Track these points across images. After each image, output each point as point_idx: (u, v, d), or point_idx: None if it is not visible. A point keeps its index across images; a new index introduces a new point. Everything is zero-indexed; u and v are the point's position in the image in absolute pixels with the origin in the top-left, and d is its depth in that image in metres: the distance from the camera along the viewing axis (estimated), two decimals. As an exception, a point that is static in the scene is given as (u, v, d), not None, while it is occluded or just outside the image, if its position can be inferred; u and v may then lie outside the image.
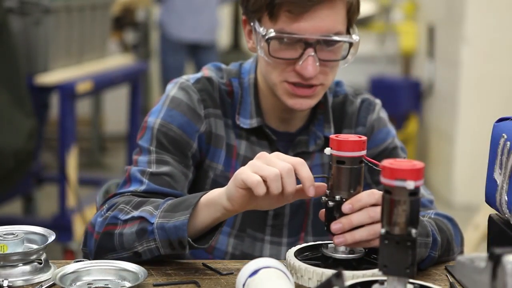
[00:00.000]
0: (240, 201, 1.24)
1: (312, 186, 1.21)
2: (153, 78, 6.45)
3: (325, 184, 1.25)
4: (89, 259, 1.36)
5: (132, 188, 1.45)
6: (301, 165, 1.22)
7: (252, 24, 1.48)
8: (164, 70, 5.61)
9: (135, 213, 1.35)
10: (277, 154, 1.25)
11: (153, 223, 1.32)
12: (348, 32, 1.47)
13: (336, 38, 1.43)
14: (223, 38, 7.27)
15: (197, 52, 5.63)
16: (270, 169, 1.20)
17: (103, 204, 1.45)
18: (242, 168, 1.23)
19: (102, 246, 1.37)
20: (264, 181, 1.20)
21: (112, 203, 1.41)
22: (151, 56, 6.22)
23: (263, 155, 1.25)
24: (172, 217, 1.30)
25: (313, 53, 1.41)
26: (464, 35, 5.08)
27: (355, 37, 1.46)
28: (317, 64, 1.42)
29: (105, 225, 1.37)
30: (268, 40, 1.42)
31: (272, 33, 1.42)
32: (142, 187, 1.45)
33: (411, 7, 6.39)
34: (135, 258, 1.34)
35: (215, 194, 1.29)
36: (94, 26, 4.09)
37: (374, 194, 1.22)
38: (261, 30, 1.43)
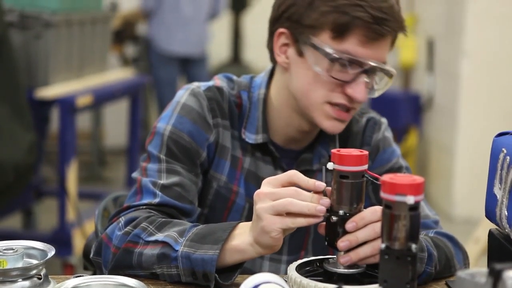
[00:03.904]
0: (280, 243, 1.25)
1: (318, 185, 1.23)
2: (153, 92, 6.46)
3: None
4: (93, 270, 1.35)
5: (145, 201, 1.44)
6: (296, 176, 1.24)
7: (300, 39, 1.46)
8: (157, 84, 5.65)
9: (159, 237, 1.34)
10: (268, 182, 1.25)
11: (177, 251, 1.31)
12: None
13: (389, 68, 1.47)
14: (222, 51, 7.27)
15: (188, 66, 5.68)
16: (281, 202, 1.21)
17: (117, 215, 1.43)
18: (262, 222, 1.22)
19: (119, 262, 1.37)
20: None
21: (130, 218, 1.40)
22: (151, 70, 6.23)
23: (260, 195, 1.24)
24: (199, 248, 1.29)
25: (367, 79, 1.44)
26: (463, 49, 5.09)
27: (394, 72, 1.50)
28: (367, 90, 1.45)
29: (126, 241, 1.36)
30: (332, 60, 1.42)
31: (339, 53, 1.42)
32: (156, 200, 1.44)
33: (411, 21, 6.40)
34: (152, 277, 1.34)
35: (246, 243, 1.28)
36: (95, 40, 4.10)
37: (376, 212, 1.22)
38: (326, 48, 1.42)
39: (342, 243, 1.22)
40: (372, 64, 1.43)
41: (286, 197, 1.21)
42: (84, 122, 5.93)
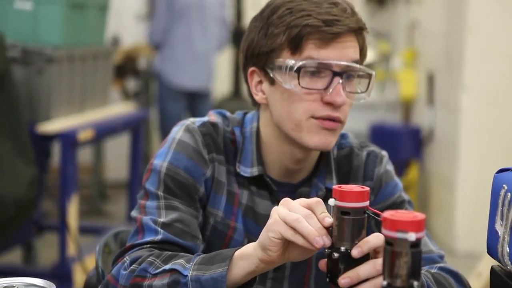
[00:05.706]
0: (276, 250, 1.24)
1: (326, 220, 1.21)
2: (154, 126, 6.48)
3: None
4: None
5: (148, 238, 1.44)
6: (316, 204, 1.23)
7: (267, 68, 1.48)
8: (163, 119, 5.58)
9: (166, 267, 1.34)
10: (299, 199, 1.26)
11: (186, 275, 1.30)
12: None
13: (361, 66, 1.47)
14: (224, 85, 7.30)
15: (194, 100, 5.65)
16: (293, 215, 1.21)
17: (121, 256, 1.43)
18: (270, 220, 1.23)
19: None
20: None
21: (135, 257, 1.39)
22: (152, 104, 6.26)
23: (284, 202, 1.26)
24: (208, 269, 1.29)
25: (341, 81, 1.44)
26: (463, 82, 5.11)
27: (372, 71, 1.50)
28: (344, 93, 1.45)
29: (133, 277, 1.36)
30: (298, 70, 1.44)
31: (301, 62, 1.44)
32: (159, 237, 1.44)
33: (411, 55, 6.44)
34: None
35: (250, 247, 1.28)
36: (96, 75, 4.12)
37: (380, 236, 1.21)
38: (288, 61, 1.45)
39: (343, 279, 1.21)
40: (339, 63, 1.44)
41: (299, 214, 1.22)
42: (85, 156, 5.93)
